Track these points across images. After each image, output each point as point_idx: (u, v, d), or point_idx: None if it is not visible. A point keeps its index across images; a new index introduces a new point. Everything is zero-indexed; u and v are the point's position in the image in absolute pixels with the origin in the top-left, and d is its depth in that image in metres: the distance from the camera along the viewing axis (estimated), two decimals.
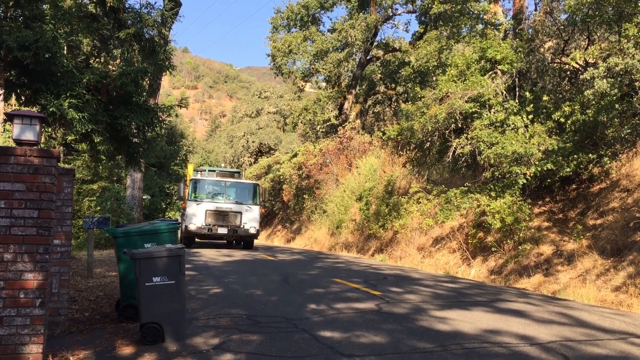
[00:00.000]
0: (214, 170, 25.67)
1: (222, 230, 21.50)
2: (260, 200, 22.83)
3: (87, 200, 27.70)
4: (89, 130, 9.05)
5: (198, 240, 26.02)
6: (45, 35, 8.27)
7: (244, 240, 23.48)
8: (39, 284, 5.10)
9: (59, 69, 8.81)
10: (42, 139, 20.40)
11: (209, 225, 21.38)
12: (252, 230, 22.00)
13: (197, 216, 21.29)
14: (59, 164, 5.64)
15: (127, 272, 7.46)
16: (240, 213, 21.77)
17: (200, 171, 25.31)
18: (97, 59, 11.57)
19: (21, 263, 5.06)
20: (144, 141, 11.20)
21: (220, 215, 21.55)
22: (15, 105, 10.43)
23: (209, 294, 10.20)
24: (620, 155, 14.61)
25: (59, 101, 8.46)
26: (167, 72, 11.61)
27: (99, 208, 25.20)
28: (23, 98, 9.68)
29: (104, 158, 12.76)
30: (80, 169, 27.92)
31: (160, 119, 10.81)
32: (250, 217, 21.97)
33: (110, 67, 11.30)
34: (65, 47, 9.53)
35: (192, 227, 21.28)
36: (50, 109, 8.36)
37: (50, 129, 11.22)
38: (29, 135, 5.47)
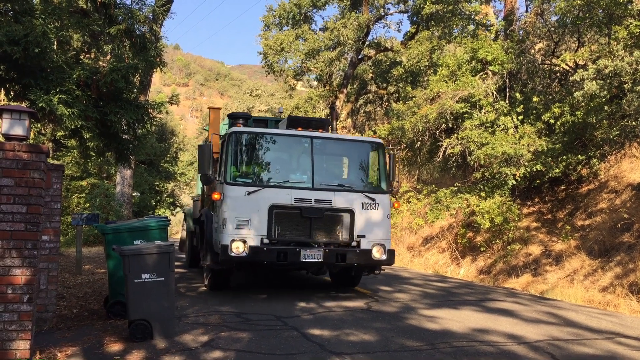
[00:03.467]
0: (264, 120, 13.08)
1: (312, 254, 9.07)
2: (391, 182, 10.23)
3: (76, 197, 27.48)
4: (79, 126, 8.99)
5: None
6: (35, 30, 8.20)
7: (355, 271, 10.53)
8: (27, 280, 5.06)
9: (49, 64, 8.75)
10: (32, 135, 20.27)
11: (280, 242, 9.12)
12: (378, 253, 9.46)
13: (250, 221, 9.03)
14: (48, 159, 5.61)
15: (116, 268, 7.42)
16: (351, 213, 9.42)
17: (242, 119, 10.54)
18: (88, 55, 11.50)
19: (9, 259, 5.02)
20: (134, 138, 11.15)
21: (305, 219, 9.17)
22: (4, 100, 10.35)
23: (198, 292, 10.17)
24: (608, 157, 14.74)
25: (48, 97, 8.40)
26: (158, 68, 11.56)
27: (88, 205, 25.01)
28: (12, 93, 9.60)
29: (93, 154, 12.69)
30: (70, 165, 27.70)
31: (151, 115, 10.76)
32: (371, 222, 9.63)
33: (100, 63, 11.24)
34: (55, 43, 9.44)
35: (239, 246, 8.88)
36: (40, 105, 8.30)
37: (39, 125, 11.14)
38: (18, 130, 5.42)
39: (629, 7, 12.86)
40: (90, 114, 9.12)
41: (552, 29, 16.30)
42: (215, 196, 9.34)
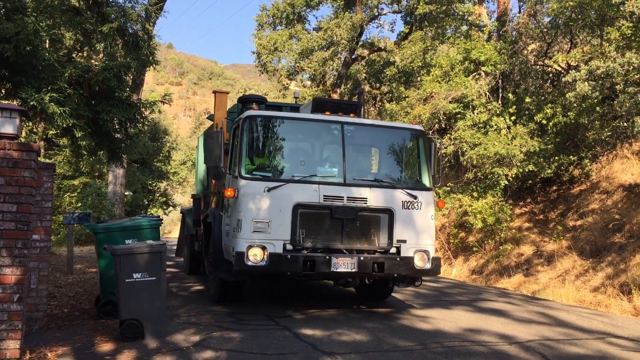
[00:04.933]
0: (278, 106, 11.27)
1: (345, 263, 7.58)
2: (434, 176, 8.83)
3: (68, 196, 27.34)
4: (70, 124, 8.95)
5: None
6: (26, 27, 8.16)
7: (391, 282, 9.07)
8: (17, 279, 5.03)
9: (41, 63, 8.70)
10: (23, 134, 20.03)
11: (306, 248, 7.67)
12: (421, 261, 8.03)
13: (271, 223, 7.59)
14: (39, 158, 5.58)
15: (107, 268, 7.39)
16: (390, 213, 8.01)
17: (255, 103, 9.09)
18: (80, 53, 11.45)
19: None
20: (127, 137, 11.11)
21: (336, 221, 7.76)
22: None
23: (190, 291, 10.15)
24: (600, 158, 14.81)
25: (40, 95, 8.36)
26: (151, 67, 11.53)
27: (79, 204, 24.90)
28: (3, 91, 9.55)
29: (85, 153, 12.64)
30: (61, 164, 27.56)
31: (143, 114, 10.73)
32: (413, 224, 8.25)
33: (92, 61, 11.19)
34: (47, 41, 9.40)
35: (256, 253, 7.46)
36: (31, 103, 8.26)
37: (30, 123, 11.06)
38: (9, 129, 5.38)
39: (621, 8, 12.92)
40: (82, 113, 9.08)
41: (545, 30, 16.37)
42: (228, 193, 7.72)
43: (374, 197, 7.92)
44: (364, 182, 8.04)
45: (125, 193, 27.39)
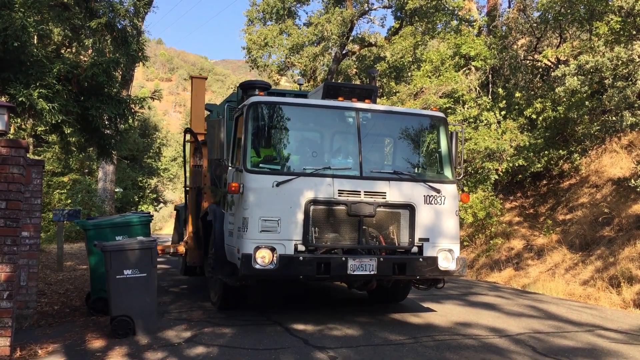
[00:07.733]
0: (282, 94, 9.98)
1: (363, 265, 6.88)
2: (456, 168, 8.25)
3: (58, 193, 27.15)
4: (59, 121, 8.89)
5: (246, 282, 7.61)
6: (14, 23, 8.08)
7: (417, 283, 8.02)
8: (7, 276, 5.01)
9: (29, 58, 8.63)
10: (11, 130, 19.84)
11: (320, 249, 6.98)
12: (445, 261, 7.29)
13: (281, 221, 6.85)
14: (28, 155, 5.54)
15: (97, 265, 7.36)
16: (411, 208, 7.26)
17: (259, 89, 8.21)
18: (68, 49, 11.37)
19: None
20: (116, 133, 11.05)
21: (352, 219, 7.00)
22: None
23: (181, 287, 10.13)
24: (589, 152, 14.90)
25: (28, 91, 8.29)
26: (140, 63, 11.46)
27: (69, 201, 24.76)
28: None
29: (74, 150, 12.54)
30: (51, 161, 27.37)
31: (133, 110, 10.67)
32: (436, 220, 7.46)
33: (81, 57, 11.10)
34: (35, 36, 9.32)
35: (265, 255, 6.71)
36: (20, 99, 8.19)
37: (19, 120, 10.99)
38: None
39: (610, 3, 12.97)
40: (71, 109, 9.02)
41: (535, 24, 16.41)
42: (233, 188, 6.95)
43: (393, 192, 7.21)
44: (382, 175, 7.37)
45: (116, 190, 27.28)
